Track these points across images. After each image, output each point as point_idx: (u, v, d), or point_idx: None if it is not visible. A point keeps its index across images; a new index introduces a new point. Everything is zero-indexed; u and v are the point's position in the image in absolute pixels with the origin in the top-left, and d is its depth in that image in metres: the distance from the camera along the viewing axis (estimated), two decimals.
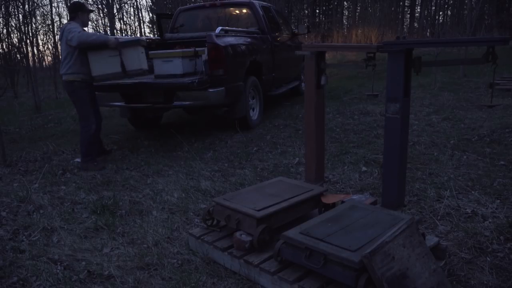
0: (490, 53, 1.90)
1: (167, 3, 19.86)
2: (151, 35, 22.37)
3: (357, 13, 28.08)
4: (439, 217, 2.68)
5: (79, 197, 3.39)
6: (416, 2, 28.13)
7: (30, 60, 11.43)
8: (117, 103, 4.98)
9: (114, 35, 16.91)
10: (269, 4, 7.25)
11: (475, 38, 2.14)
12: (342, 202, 2.41)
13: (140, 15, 38.30)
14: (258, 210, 2.21)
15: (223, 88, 4.69)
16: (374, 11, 25.97)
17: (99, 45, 4.02)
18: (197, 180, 3.67)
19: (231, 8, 6.68)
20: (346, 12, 30.03)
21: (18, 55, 12.46)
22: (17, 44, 11.92)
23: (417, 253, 1.83)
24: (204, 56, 4.82)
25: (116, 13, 21.68)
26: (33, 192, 3.49)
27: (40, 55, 16.58)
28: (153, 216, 2.95)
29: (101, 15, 23.31)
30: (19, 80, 12.49)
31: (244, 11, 6.60)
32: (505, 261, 2.16)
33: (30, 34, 11.89)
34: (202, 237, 2.38)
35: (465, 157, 3.86)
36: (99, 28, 23.60)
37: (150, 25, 24.55)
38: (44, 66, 17.27)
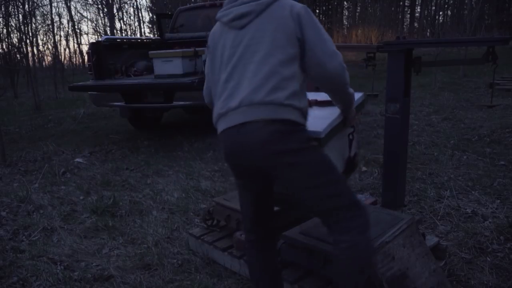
0: (490, 53, 1.90)
1: (167, 3, 19.87)
2: (151, 35, 22.36)
3: (357, 13, 28.10)
4: (439, 217, 2.68)
5: (79, 197, 3.39)
6: (416, 2, 28.13)
7: (30, 60, 11.41)
8: (117, 103, 4.98)
9: (114, 35, 16.93)
10: None
11: (475, 38, 2.14)
12: None
13: (140, 15, 38.37)
14: None
15: None
16: (374, 11, 25.97)
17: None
18: (197, 180, 3.67)
19: None
20: (346, 12, 30.06)
21: (18, 55, 12.45)
22: (17, 44, 11.91)
23: (417, 253, 1.83)
24: (204, 56, 4.81)
25: (116, 13, 21.69)
26: (33, 192, 3.49)
27: (40, 55, 16.58)
28: (153, 216, 2.95)
29: (101, 15, 23.32)
30: (19, 80, 12.48)
31: None
32: (505, 261, 2.16)
33: (30, 34, 11.87)
34: (202, 237, 2.38)
35: (465, 157, 3.86)
36: (99, 28, 23.62)
37: (150, 25, 24.58)
38: (44, 66, 17.26)
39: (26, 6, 11.31)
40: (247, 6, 1.50)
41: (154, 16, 17.05)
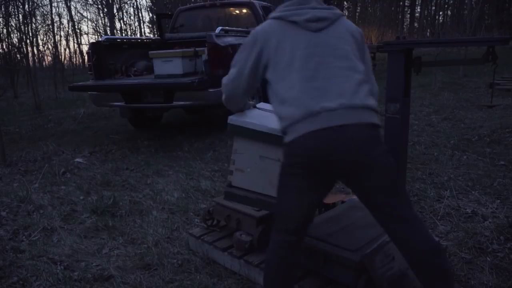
0: (490, 53, 1.90)
1: (167, 3, 19.87)
2: (151, 35, 22.36)
3: (357, 13, 28.11)
4: (439, 217, 2.68)
5: (79, 197, 3.39)
6: (416, 2, 28.14)
7: (30, 60, 11.41)
8: (117, 103, 4.98)
9: (114, 35, 16.93)
10: (269, 4, 7.25)
11: (475, 38, 2.14)
12: (342, 202, 2.41)
13: (140, 15, 38.38)
14: (258, 210, 2.21)
15: None
16: (374, 11, 26.00)
17: None
18: (197, 180, 3.67)
19: (231, 8, 6.68)
20: (346, 12, 30.05)
21: (18, 55, 12.45)
22: (17, 44, 11.91)
23: None
24: (204, 56, 4.82)
25: (116, 13, 21.69)
26: (33, 192, 3.49)
27: (40, 55, 16.58)
28: (153, 216, 2.95)
29: (101, 15, 23.33)
30: (19, 80, 12.48)
31: (244, 11, 6.60)
32: (505, 261, 2.16)
33: (30, 34, 11.88)
34: (202, 237, 2.38)
35: (465, 157, 3.86)
36: (99, 28, 23.63)
37: (150, 25, 24.59)
38: (44, 66, 17.27)
39: (26, 6, 11.32)
40: (323, 11, 1.57)
41: (154, 16, 17.05)
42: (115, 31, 19.22)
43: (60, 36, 22.60)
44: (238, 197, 1.96)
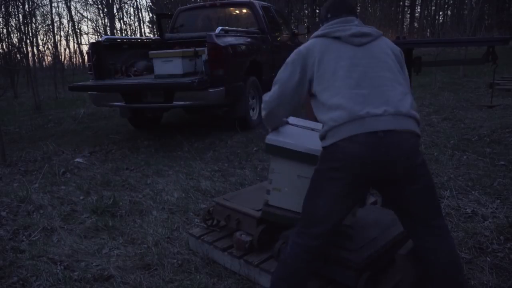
0: (490, 53, 1.90)
1: (167, 3, 19.86)
2: (151, 35, 22.36)
3: (357, 13, 28.04)
4: None
5: (79, 197, 3.39)
6: (416, 2, 28.14)
7: (30, 60, 11.42)
8: (117, 103, 4.98)
9: (114, 35, 16.93)
10: (269, 4, 7.25)
11: (475, 38, 2.14)
12: None
13: (140, 15, 38.35)
14: (258, 210, 2.21)
15: (223, 88, 4.69)
16: (374, 11, 25.99)
17: None
18: (197, 180, 3.67)
19: (231, 8, 6.68)
20: None
21: (18, 55, 12.45)
22: (17, 44, 11.91)
23: None
24: (204, 56, 4.82)
25: (116, 13, 21.68)
26: (33, 192, 3.49)
27: (40, 55, 16.57)
28: (153, 216, 2.95)
29: (101, 15, 23.32)
30: (19, 80, 12.48)
31: (244, 11, 6.60)
32: (505, 261, 2.16)
33: (30, 34, 11.88)
34: (202, 237, 2.38)
35: (465, 157, 3.86)
36: (99, 28, 23.62)
37: (150, 25, 24.57)
38: (44, 66, 17.26)
39: (26, 6, 11.32)
40: (367, 28, 1.64)
41: (154, 16, 17.04)
42: (115, 31, 19.21)
43: (60, 36, 22.57)
44: (275, 216, 1.96)
